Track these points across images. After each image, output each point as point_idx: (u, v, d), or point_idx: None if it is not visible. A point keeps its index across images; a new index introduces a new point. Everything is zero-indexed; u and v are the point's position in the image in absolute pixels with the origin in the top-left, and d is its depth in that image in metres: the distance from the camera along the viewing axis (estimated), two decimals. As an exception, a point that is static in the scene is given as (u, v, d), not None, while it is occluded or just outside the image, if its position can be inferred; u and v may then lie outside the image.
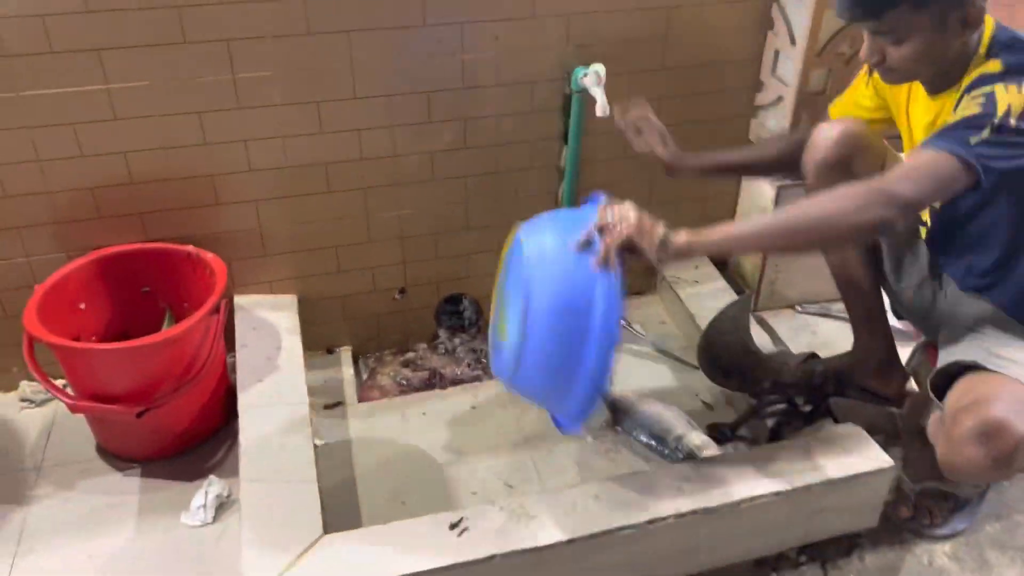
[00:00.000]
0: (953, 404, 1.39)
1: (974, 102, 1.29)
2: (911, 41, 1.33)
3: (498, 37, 1.86)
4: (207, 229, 1.90)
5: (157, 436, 1.79)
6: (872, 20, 1.33)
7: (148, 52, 1.67)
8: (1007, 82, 1.28)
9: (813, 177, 1.63)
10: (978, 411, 1.31)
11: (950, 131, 1.28)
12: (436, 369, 2.16)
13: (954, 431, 1.33)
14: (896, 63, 1.37)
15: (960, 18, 1.30)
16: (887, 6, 1.30)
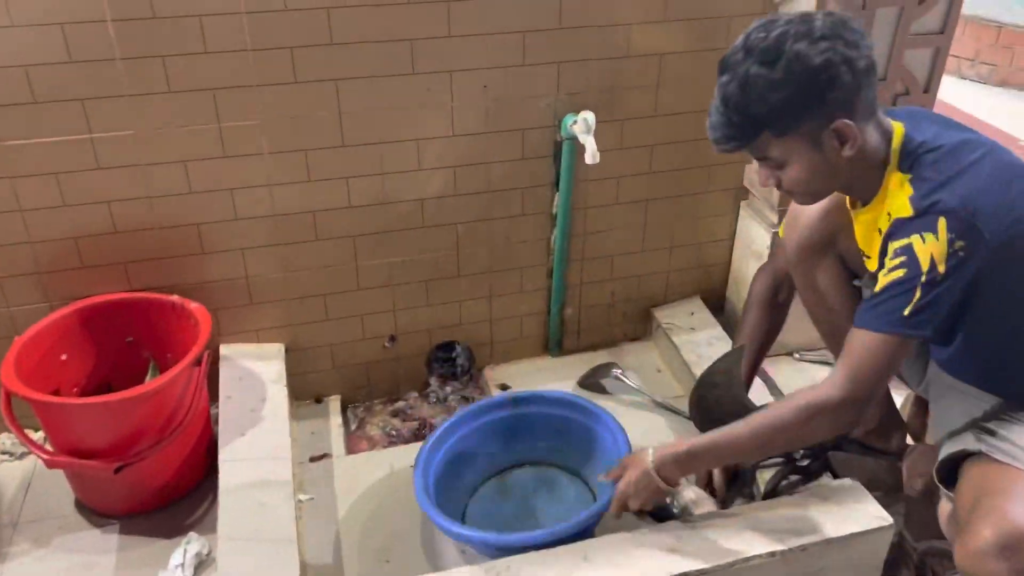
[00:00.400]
0: (963, 503, 1.32)
1: (896, 262, 1.26)
2: (792, 164, 1.30)
3: (487, 85, 1.84)
4: (192, 278, 1.87)
5: (136, 491, 1.74)
6: (743, 150, 1.31)
7: (132, 101, 1.66)
8: (922, 231, 1.24)
9: (796, 258, 1.59)
10: (996, 520, 1.24)
11: (881, 306, 1.28)
12: (426, 419, 2.11)
13: (973, 542, 1.25)
14: (791, 186, 1.34)
15: (833, 135, 1.26)
16: (749, 136, 1.28)
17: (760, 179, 1.38)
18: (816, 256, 1.57)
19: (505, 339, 2.23)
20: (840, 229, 1.53)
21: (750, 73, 1.24)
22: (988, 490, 1.29)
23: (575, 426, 1.86)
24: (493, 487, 1.87)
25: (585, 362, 2.25)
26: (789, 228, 1.60)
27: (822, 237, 1.55)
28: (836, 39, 1.23)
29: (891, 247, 1.29)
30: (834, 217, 1.53)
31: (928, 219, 1.24)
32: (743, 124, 1.27)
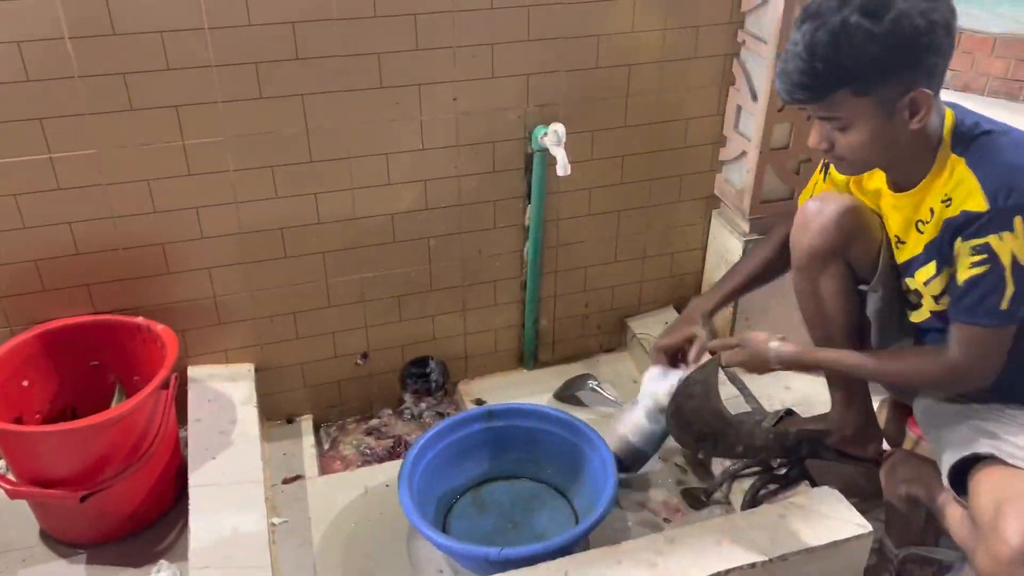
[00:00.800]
0: (983, 510, 1.31)
1: (978, 259, 1.28)
2: (857, 128, 1.29)
3: (457, 98, 1.83)
4: (158, 299, 1.83)
5: (103, 520, 1.69)
6: (814, 104, 1.28)
7: (93, 120, 1.62)
8: (1000, 230, 1.25)
9: (804, 262, 1.56)
10: (1022, 527, 1.23)
11: (977, 303, 1.31)
12: (401, 436, 2.08)
13: (1000, 550, 1.25)
14: (844, 151, 1.32)
15: (907, 105, 1.26)
16: (828, 90, 1.25)
17: (813, 139, 1.35)
18: (824, 263, 1.53)
19: (479, 353, 2.20)
20: (853, 237, 1.50)
21: (850, 22, 1.19)
22: (1009, 496, 1.28)
23: (551, 438, 1.85)
24: (468, 502, 1.84)
25: (561, 374, 2.23)
26: (799, 232, 1.55)
27: (834, 243, 1.51)
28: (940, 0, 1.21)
29: (967, 244, 1.29)
30: (848, 224, 1.50)
31: (1004, 217, 1.25)
32: (827, 75, 1.23)
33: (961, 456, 1.39)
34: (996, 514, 1.27)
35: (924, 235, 1.39)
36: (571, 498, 1.84)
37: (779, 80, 1.29)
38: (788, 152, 1.99)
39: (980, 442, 1.38)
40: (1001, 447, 1.36)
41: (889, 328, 1.55)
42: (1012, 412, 1.42)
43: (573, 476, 1.83)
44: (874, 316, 1.55)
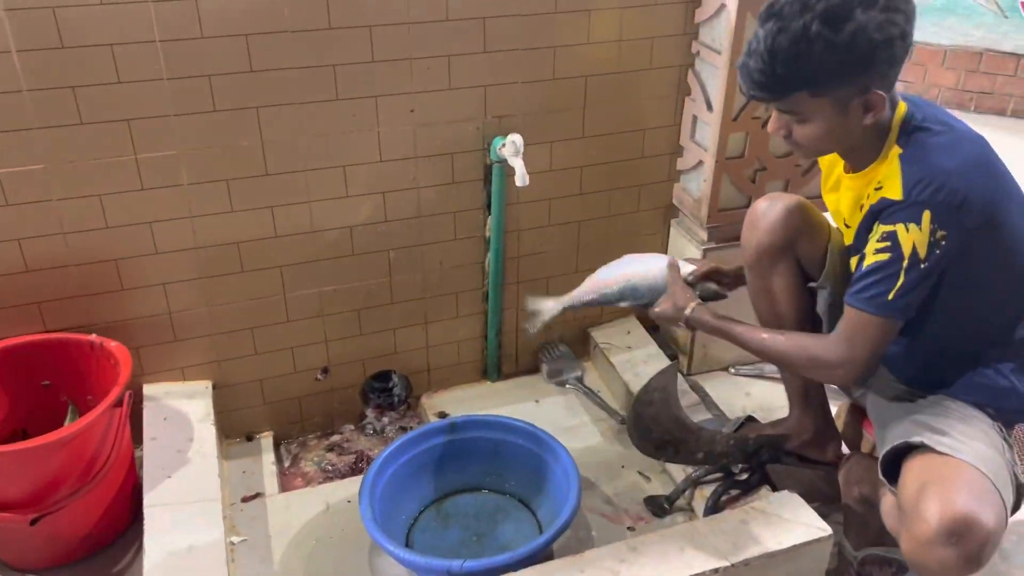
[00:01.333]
0: (907, 495, 1.34)
1: (882, 245, 1.31)
2: (814, 122, 1.33)
3: (414, 110, 1.83)
4: (111, 316, 1.79)
5: (56, 543, 1.65)
6: (773, 102, 1.34)
7: (42, 134, 1.59)
8: (907, 220, 1.29)
9: (753, 260, 1.60)
10: (940, 508, 1.26)
11: (868, 288, 1.34)
12: (363, 452, 2.06)
13: (920, 530, 1.27)
14: (801, 140, 1.37)
15: (861, 103, 1.30)
16: (786, 91, 1.29)
17: (772, 126, 1.39)
18: (773, 260, 1.58)
19: (442, 366, 2.19)
20: (800, 233, 1.55)
21: (811, 30, 1.23)
22: (932, 480, 1.31)
23: (514, 449, 1.84)
24: (432, 515, 1.83)
25: (524, 386, 2.23)
26: (748, 230, 1.60)
27: (782, 241, 1.56)
28: (896, 11, 1.24)
29: (878, 228, 1.32)
30: (795, 221, 1.55)
31: (915, 209, 1.28)
32: (785, 78, 1.27)
33: (892, 445, 1.42)
34: (918, 496, 1.30)
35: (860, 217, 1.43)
36: (535, 509, 1.83)
37: (740, 74, 1.33)
38: (744, 161, 2.02)
39: (914, 432, 1.41)
40: (933, 437, 1.39)
41: None
42: (952, 405, 1.45)
43: (536, 487, 1.83)
44: (825, 313, 1.59)
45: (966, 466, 1.32)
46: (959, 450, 1.35)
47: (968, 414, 1.44)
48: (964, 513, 1.25)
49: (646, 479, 1.94)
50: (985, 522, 1.25)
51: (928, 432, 1.40)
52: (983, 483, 1.30)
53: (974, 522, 1.24)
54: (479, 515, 1.83)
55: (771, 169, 2.05)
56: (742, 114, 1.95)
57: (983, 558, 1.26)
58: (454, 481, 1.87)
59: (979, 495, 1.28)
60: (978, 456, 1.34)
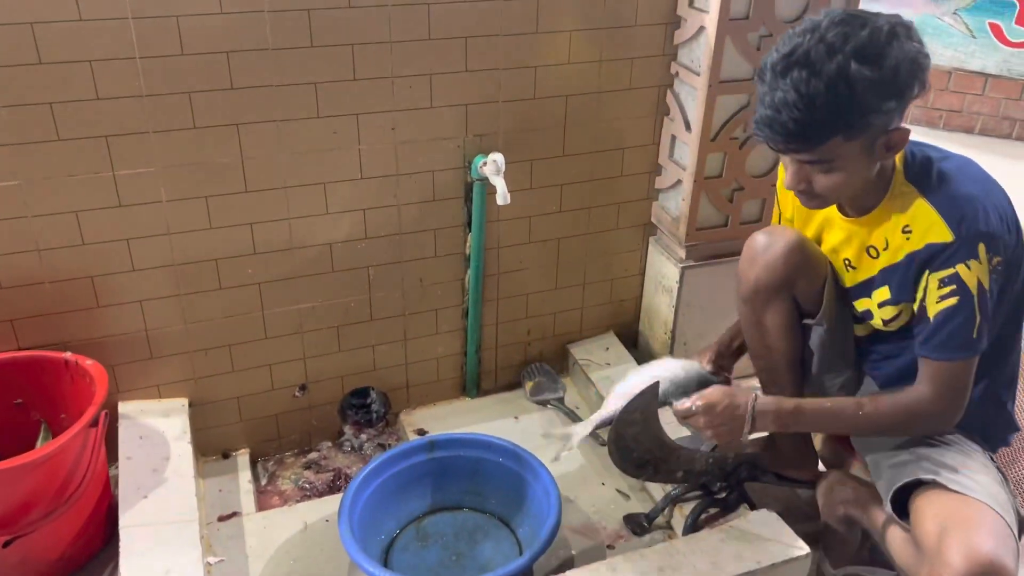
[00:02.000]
0: (927, 535, 1.33)
1: (947, 291, 1.31)
2: (840, 170, 1.29)
3: (395, 127, 1.83)
4: (87, 334, 1.77)
5: (28, 566, 1.61)
6: (805, 152, 1.27)
7: (17, 150, 1.57)
8: (966, 259, 1.29)
9: (749, 295, 1.55)
10: (966, 553, 1.26)
11: (950, 336, 1.34)
12: (341, 469, 2.05)
13: (943, 574, 1.27)
14: (822, 190, 1.33)
15: (885, 143, 1.28)
16: (824, 137, 1.24)
17: (789, 180, 1.34)
18: (770, 297, 1.53)
19: (421, 383, 2.19)
20: (800, 271, 1.51)
21: (848, 70, 1.18)
22: (954, 522, 1.31)
23: (494, 468, 1.84)
24: (411, 535, 1.82)
25: (503, 403, 2.23)
26: (747, 265, 1.55)
27: (781, 279, 1.51)
28: (918, 40, 1.23)
29: (933, 276, 1.32)
30: (795, 259, 1.50)
31: (970, 246, 1.28)
32: (826, 125, 1.22)
33: (904, 482, 1.42)
34: (940, 539, 1.30)
35: (879, 260, 1.42)
36: (515, 528, 1.83)
37: (767, 129, 1.26)
38: (722, 180, 2.04)
39: (921, 467, 1.42)
40: (942, 472, 1.39)
41: (831, 360, 1.59)
42: (949, 437, 1.47)
43: (516, 506, 1.82)
44: (817, 348, 1.57)
45: (984, 507, 1.33)
46: (972, 489, 1.36)
47: (965, 447, 1.46)
48: (990, 559, 1.25)
49: (625, 497, 1.95)
50: (1008, 566, 1.26)
51: (936, 468, 1.40)
52: (1001, 525, 1.31)
53: (999, 567, 1.25)
54: (459, 534, 1.83)
55: (748, 189, 2.07)
56: (720, 134, 1.97)
57: None
58: (434, 500, 1.86)
59: (1000, 538, 1.29)
60: (990, 495, 1.35)
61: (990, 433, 1.50)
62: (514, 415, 2.19)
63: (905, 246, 1.36)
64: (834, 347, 1.57)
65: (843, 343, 1.57)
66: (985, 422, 1.49)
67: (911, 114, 4.26)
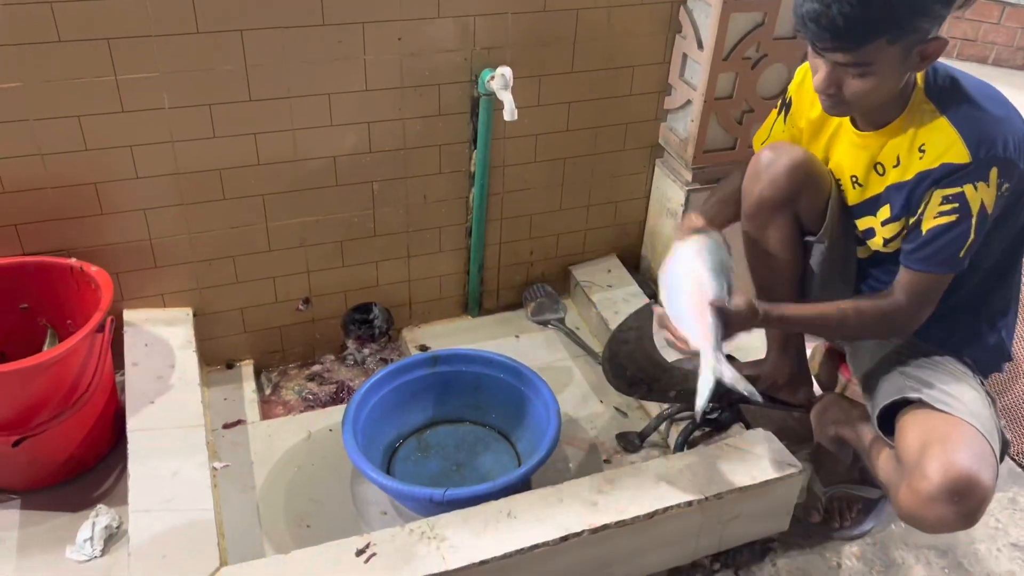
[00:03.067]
0: (908, 450, 1.37)
1: (947, 208, 1.31)
2: (876, 74, 1.26)
3: (401, 38, 1.79)
4: (91, 241, 1.77)
5: (37, 465, 1.65)
6: (848, 52, 1.24)
7: (17, 52, 1.54)
8: (975, 180, 1.29)
9: (753, 211, 1.55)
10: (944, 466, 1.29)
11: (938, 251, 1.35)
12: (344, 382, 2.08)
13: (921, 487, 1.31)
14: (852, 95, 1.30)
15: (921, 52, 1.25)
16: (872, 36, 1.20)
17: (821, 82, 1.30)
18: (773, 213, 1.54)
19: (424, 300, 2.20)
20: (803, 188, 1.51)
21: None
22: (934, 438, 1.34)
23: (495, 383, 1.87)
24: (413, 445, 1.86)
25: (505, 322, 2.25)
26: (751, 181, 1.55)
27: (784, 195, 1.51)
28: None
29: (938, 192, 1.32)
30: (800, 176, 1.50)
31: (983, 168, 1.28)
32: (877, 23, 1.19)
33: (891, 400, 1.45)
34: (921, 453, 1.33)
35: (885, 177, 1.41)
36: (514, 442, 1.86)
37: (812, 24, 1.21)
38: (732, 101, 2.01)
39: (909, 387, 1.44)
40: (929, 392, 1.42)
41: (831, 278, 1.59)
42: (940, 359, 1.49)
43: (516, 420, 1.86)
44: (818, 266, 1.58)
45: (965, 425, 1.35)
46: (956, 408, 1.38)
47: (956, 369, 1.48)
48: (967, 473, 1.28)
49: (623, 415, 1.98)
50: (984, 482, 1.29)
51: (923, 388, 1.43)
52: (982, 443, 1.34)
53: (976, 482, 1.28)
54: (460, 446, 1.86)
55: (759, 111, 2.04)
56: (733, 53, 1.93)
57: (978, 516, 1.31)
58: (436, 413, 1.90)
59: (978, 455, 1.32)
60: (974, 414, 1.38)
61: (981, 358, 1.52)
62: (515, 334, 2.21)
63: (917, 164, 1.35)
64: (834, 266, 1.57)
65: (844, 262, 1.58)
66: (978, 347, 1.50)
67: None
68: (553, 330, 2.23)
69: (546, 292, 2.29)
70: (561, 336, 2.21)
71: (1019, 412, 2.05)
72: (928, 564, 1.67)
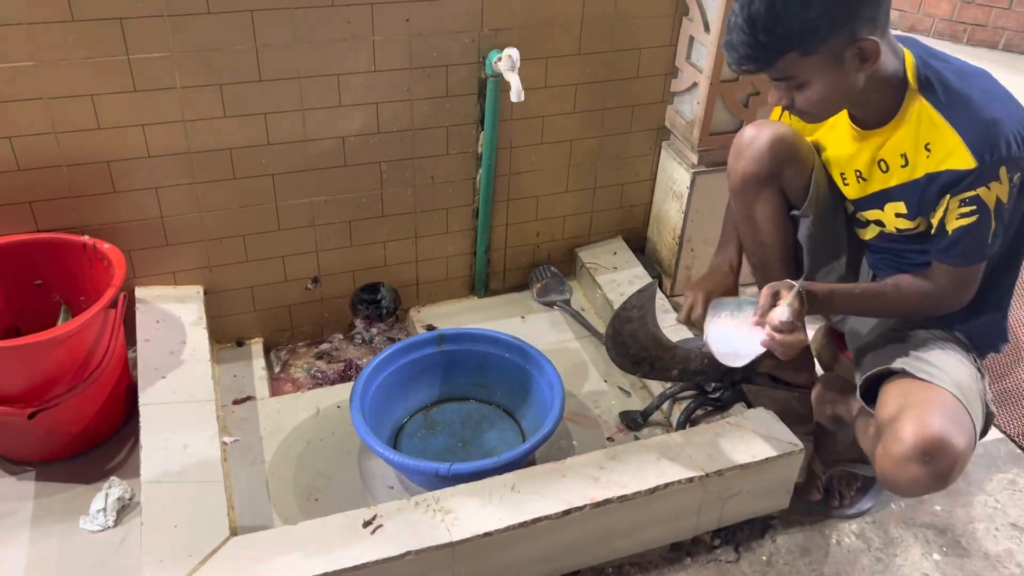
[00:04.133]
0: (886, 415, 1.40)
1: (968, 210, 1.34)
2: (812, 84, 1.31)
3: (409, 19, 1.81)
4: (104, 218, 1.80)
5: (52, 438, 1.69)
6: (765, 71, 1.30)
7: (32, 31, 1.57)
8: (987, 182, 1.31)
9: (738, 187, 1.59)
10: (917, 428, 1.32)
11: (967, 247, 1.38)
12: (352, 360, 2.10)
13: (894, 449, 1.34)
14: (805, 106, 1.35)
15: (855, 54, 1.28)
16: (775, 57, 1.27)
17: (772, 99, 1.37)
18: (758, 188, 1.57)
19: (431, 280, 2.22)
20: (786, 162, 1.54)
21: None
22: (909, 403, 1.38)
23: (500, 362, 1.89)
24: (419, 422, 1.89)
25: (511, 303, 2.27)
26: (734, 158, 1.59)
27: (767, 170, 1.55)
28: None
29: (956, 199, 1.34)
30: (782, 151, 1.53)
31: (992, 170, 1.30)
32: (770, 44, 1.25)
33: (874, 371, 1.48)
34: (896, 418, 1.37)
35: (890, 175, 1.44)
36: (519, 419, 1.89)
37: (727, 54, 1.31)
38: (738, 84, 2.02)
39: (894, 359, 1.47)
40: (911, 363, 1.45)
41: (820, 252, 1.62)
42: (932, 334, 1.51)
43: (521, 398, 1.89)
44: (805, 240, 1.61)
45: (942, 391, 1.38)
46: (937, 377, 1.41)
47: (948, 346, 1.50)
48: (938, 435, 1.31)
49: (626, 394, 2.00)
50: (956, 444, 1.32)
51: (908, 359, 1.45)
52: (957, 408, 1.37)
53: (947, 444, 1.31)
54: (465, 423, 1.89)
55: (764, 94, 2.05)
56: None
57: (951, 477, 1.34)
58: (442, 391, 1.93)
59: (953, 419, 1.34)
60: (954, 383, 1.40)
61: (979, 337, 1.55)
62: (521, 315, 2.23)
63: (925, 164, 1.37)
64: (823, 239, 1.60)
65: (832, 234, 1.61)
66: (977, 326, 1.52)
67: (935, 26, 4.16)
68: (559, 311, 2.25)
69: (552, 273, 2.31)
70: (566, 317, 2.23)
71: (1020, 396, 2.06)
72: (926, 543, 1.70)
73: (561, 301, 2.26)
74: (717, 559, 1.64)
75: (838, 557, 1.66)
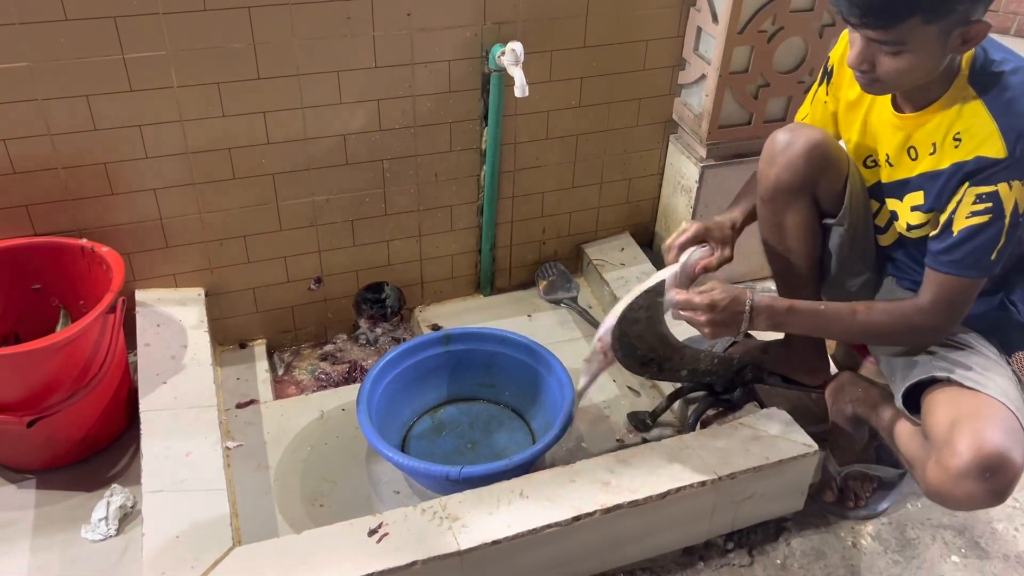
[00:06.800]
0: (937, 427, 1.35)
1: (980, 207, 1.27)
2: (909, 54, 1.23)
3: (411, 13, 1.77)
4: (102, 221, 1.77)
5: (52, 445, 1.66)
6: (880, 30, 1.21)
7: (24, 30, 1.53)
8: (1011, 178, 1.25)
9: (769, 195, 1.51)
10: (976, 443, 1.28)
11: (968, 253, 1.31)
12: (357, 361, 2.07)
13: (952, 463, 1.29)
14: (885, 74, 1.26)
15: (962, 34, 1.22)
16: (904, 16, 1.18)
17: (855, 58, 1.28)
18: (790, 197, 1.49)
19: (436, 279, 2.19)
20: (821, 171, 1.46)
21: None
22: (964, 414, 1.32)
23: (509, 362, 1.86)
24: (427, 424, 1.86)
25: (517, 301, 2.24)
26: (767, 164, 1.50)
27: (802, 179, 1.47)
28: None
29: (971, 189, 1.28)
30: (817, 158, 1.45)
31: (1019, 166, 1.24)
32: (900, 2, 1.17)
33: (919, 378, 1.43)
34: (950, 430, 1.32)
35: (918, 163, 1.38)
36: (529, 420, 1.86)
37: (843, 3, 1.20)
38: (747, 76, 1.98)
39: (935, 366, 1.42)
40: (956, 370, 1.40)
41: (850, 261, 1.56)
42: (969, 339, 1.46)
43: (530, 398, 1.85)
44: (836, 249, 1.55)
45: (995, 403, 1.34)
46: (985, 386, 1.36)
47: (983, 348, 1.45)
48: (999, 450, 1.27)
49: (636, 394, 1.97)
50: (1016, 460, 1.28)
51: (951, 365, 1.41)
52: (1012, 421, 1.32)
53: (1007, 460, 1.27)
54: (474, 424, 1.86)
55: (774, 85, 2.01)
56: (748, 26, 1.90)
57: (1008, 494, 1.30)
58: (449, 392, 1.90)
59: (1010, 432, 1.30)
60: (1004, 392, 1.36)
61: (1007, 339, 1.50)
62: (527, 313, 2.20)
63: (953, 154, 1.31)
64: (854, 248, 1.54)
65: (863, 243, 1.55)
66: (1004, 328, 1.48)
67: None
68: (566, 309, 2.21)
69: (558, 271, 2.28)
70: (573, 315, 2.19)
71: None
72: (945, 544, 1.66)
73: (568, 298, 2.22)
74: (730, 563, 1.61)
75: (854, 560, 1.62)
